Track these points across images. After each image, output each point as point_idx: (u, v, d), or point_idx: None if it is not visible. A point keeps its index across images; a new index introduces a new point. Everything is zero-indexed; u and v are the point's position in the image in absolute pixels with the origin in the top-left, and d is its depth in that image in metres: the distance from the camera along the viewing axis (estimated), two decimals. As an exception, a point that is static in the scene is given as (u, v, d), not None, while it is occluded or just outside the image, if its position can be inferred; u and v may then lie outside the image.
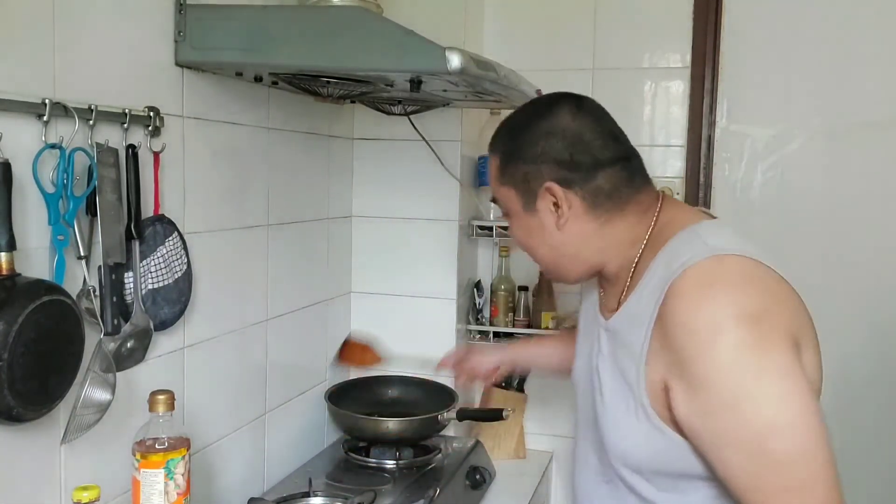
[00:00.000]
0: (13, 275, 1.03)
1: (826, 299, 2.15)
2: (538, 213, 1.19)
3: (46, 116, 1.09)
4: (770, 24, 2.14)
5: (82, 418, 1.15)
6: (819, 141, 2.14)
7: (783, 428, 0.98)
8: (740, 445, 1.00)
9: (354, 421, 1.89)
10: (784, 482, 0.98)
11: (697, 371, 1.01)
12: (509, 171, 1.21)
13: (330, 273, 2.05)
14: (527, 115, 1.22)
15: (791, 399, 0.99)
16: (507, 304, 2.24)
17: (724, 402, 0.99)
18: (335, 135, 2.04)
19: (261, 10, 1.36)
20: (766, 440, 0.98)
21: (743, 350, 0.99)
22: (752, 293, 1.04)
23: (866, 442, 2.16)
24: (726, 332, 1.00)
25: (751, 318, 1.01)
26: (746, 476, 1.00)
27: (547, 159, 1.16)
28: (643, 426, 1.10)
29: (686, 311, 1.03)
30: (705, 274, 1.05)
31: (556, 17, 2.25)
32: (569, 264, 1.23)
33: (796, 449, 0.98)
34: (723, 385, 0.99)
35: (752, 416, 0.98)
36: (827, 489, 0.97)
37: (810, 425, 0.99)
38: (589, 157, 1.16)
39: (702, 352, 1.00)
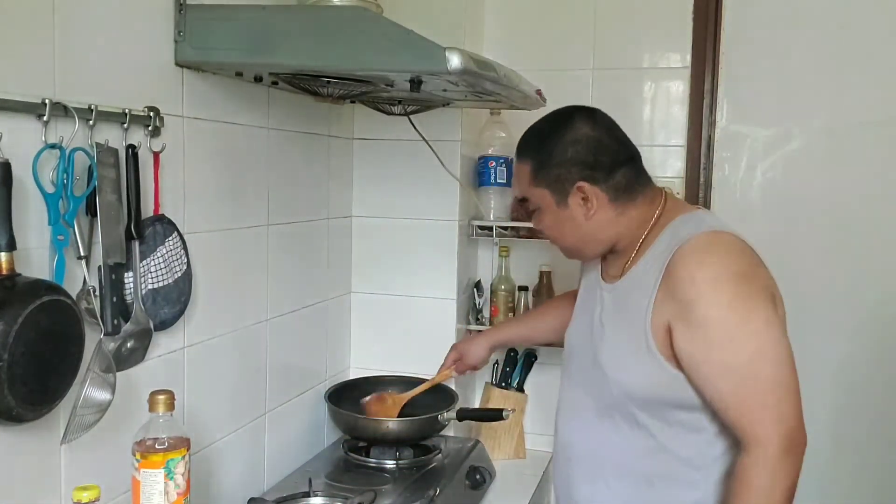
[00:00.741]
0: (13, 275, 1.03)
1: (826, 299, 2.16)
2: (569, 208, 1.42)
3: (46, 116, 1.09)
4: (770, 24, 2.14)
5: (82, 418, 1.15)
6: (819, 141, 2.14)
7: (767, 357, 1.26)
8: (732, 371, 1.26)
9: (354, 421, 1.89)
10: (763, 400, 1.25)
11: (699, 313, 1.27)
12: (542, 175, 1.43)
13: (330, 273, 2.05)
14: (551, 126, 1.45)
15: (772, 337, 1.27)
16: (507, 304, 2.24)
17: (721, 336, 1.26)
18: (335, 135, 2.04)
19: (261, 10, 1.36)
20: (753, 366, 1.25)
21: (736, 297, 1.27)
22: (742, 258, 1.32)
23: (866, 441, 2.16)
24: (724, 282, 1.28)
25: (742, 275, 1.29)
26: (733, 397, 1.26)
27: (576, 162, 1.40)
28: (646, 362, 1.33)
29: (690, 266, 1.29)
30: (705, 243, 1.33)
31: (556, 17, 2.25)
32: (591, 247, 1.47)
33: (775, 374, 1.25)
34: (720, 323, 1.26)
35: (744, 347, 1.26)
36: (793, 408, 1.25)
37: (786, 358, 1.27)
38: (608, 158, 1.41)
39: (703, 297, 1.27)
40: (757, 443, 1.24)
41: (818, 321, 2.17)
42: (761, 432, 1.24)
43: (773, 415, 1.24)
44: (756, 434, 1.24)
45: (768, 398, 1.25)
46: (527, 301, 2.24)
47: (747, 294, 1.27)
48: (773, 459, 1.23)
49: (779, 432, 1.23)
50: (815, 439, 2.14)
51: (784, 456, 1.23)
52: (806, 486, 2.17)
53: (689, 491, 1.36)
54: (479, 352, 1.88)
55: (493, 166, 2.17)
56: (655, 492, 1.37)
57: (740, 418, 1.26)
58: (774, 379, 1.25)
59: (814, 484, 2.19)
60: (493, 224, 2.18)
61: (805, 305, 2.16)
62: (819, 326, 2.16)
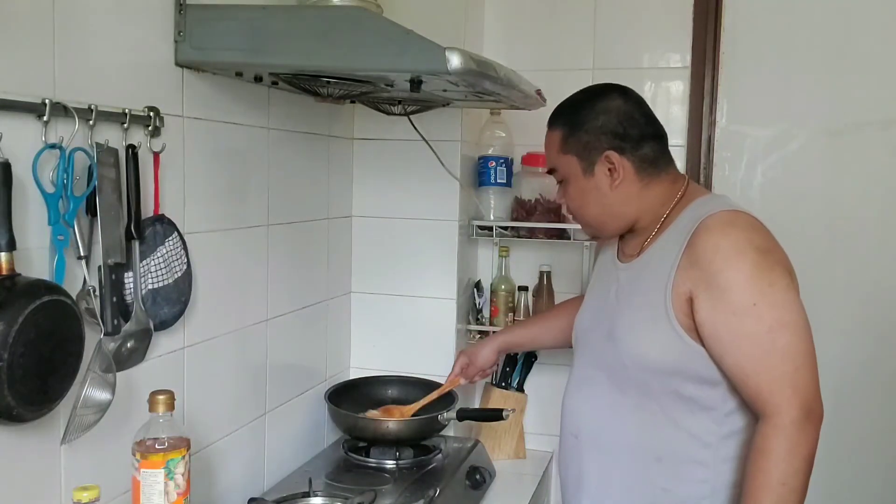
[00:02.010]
0: (13, 275, 1.03)
1: (826, 299, 2.15)
2: (595, 177, 1.45)
3: (46, 116, 1.09)
4: (770, 24, 2.14)
5: (82, 418, 1.15)
6: (819, 141, 2.14)
7: (788, 326, 1.29)
8: (753, 339, 1.29)
9: (354, 421, 1.89)
10: (783, 369, 1.28)
11: (722, 280, 1.30)
12: (572, 142, 1.46)
13: (330, 273, 2.05)
14: (584, 97, 1.48)
15: (792, 308, 1.30)
16: (507, 304, 2.24)
17: (744, 303, 1.29)
18: (335, 135, 2.04)
19: (261, 10, 1.36)
20: (773, 334, 1.28)
21: (759, 267, 1.30)
22: (763, 234, 1.36)
23: (866, 441, 2.16)
24: (747, 252, 1.31)
25: (763, 249, 1.33)
26: (753, 365, 1.29)
27: (605, 131, 1.43)
28: (664, 331, 1.36)
29: (715, 237, 1.33)
30: (729, 217, 1.37)
31: (556, 17, 2.25)
32: (613, 221, 1.49)
33: (796, 343, 1.28)
34: (743, 291, 1.29)
35: (767, 315, 1.28)
36: (810, 378, 1.29)
37: (804, 329, 1.30)
38: (637, 130, 1.45)
39: (727, 265, 1.30)
40: (776, 411, 1.27)
41: (817, 320, 2.13)
42: (781, 401, 1.27)
43: (791, 384, 1.27)
44: (775, 403, 1.27)
45: (787, 367, 1.27)
46: (527, 301, 2.24)
47: (769, 266, 1.31)
48: (792, 427, 1.26)
49: (797, 401, 1.26)
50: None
51: (802, 424, 1.26)
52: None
53: (698, 469, 1.38)
54: (487, 355, 1.88)
55: (493, 166, 2.17)
56: (663, 468, 1.40)
57: (759, 387, 1.29)
58: (793, 349, 1.28)
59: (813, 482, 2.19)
60: (493, 224, 2.18)
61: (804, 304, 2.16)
62: (818, 325, 2.13)
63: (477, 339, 2.23)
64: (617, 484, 1.45)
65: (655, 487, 1.40)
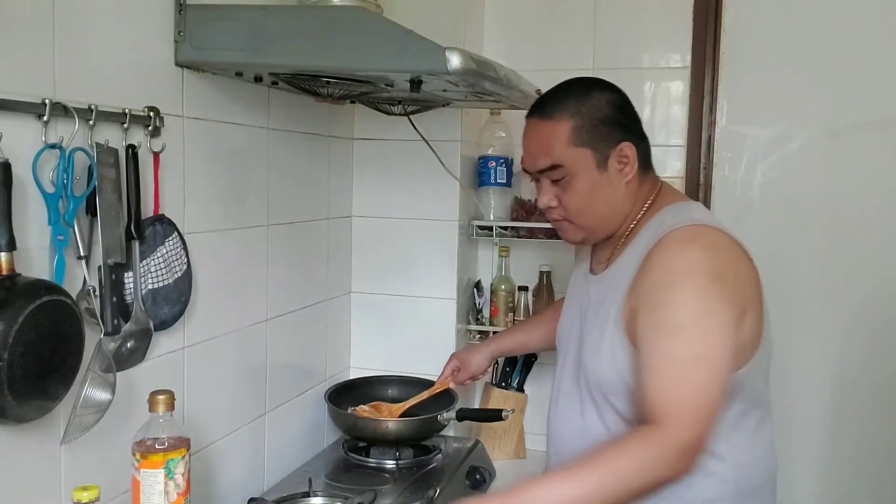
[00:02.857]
0: (13, 275, 1.03)
1: (826, 299, 2.16)
2: (608, 171, 1.38)
3: (46, 116, 1.09)
4: (770, 24, 2.14)
5: (82, 418, 1.15)
6: (819, 141, 2.14)
7: (710, 362, 1.21)
8: (672, 361, 1.21)
9: (354, 421, 1.89)
10: (689, 400, 1.19)
11: (662, 299, 1.25)
12: (586, 133, 1.36)
13: (330, 273, 2.05)
14: (583, 88, 1.40)
15: (722, 344, 1.22)
16: (507, 304, 2.24)
17: (675, 324, 1.23)
18: (335, 135, 2.04)
19: (261, 10, 1.36)
20: (694, 364, 1.20)
21: (703, 292, 1.23)
22: (719, 258, 1.28)
23: (865, 440, 2.16)
24: (695, 275, 1.24)
25: (715, 274, 1.25)
26: (662, 384, 1.21)
27: (618, 122, 1.38)
28: (619, 350, 1.32)
29: (668, 255, 1.28)
30: (687, 234, 1.30)
31: (556, 17, 2.25)
32: (614, 220, 1.42)
33: (711, 381, 1.21)
34: (678, 311, 1.23)
35: (695, 343, 1.21)
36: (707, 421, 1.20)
37: (726, 370, 1.22)
38: (638, 124, 1.42)
39: (671, 283, 1.25)
40: (667, 426, 1.18)
41: (816, 320, 2.17)
42: (675, 423, 1.18)
43: (690, 417, 1.18)
44: (669, 421, 1.18)
45: (693, 399, 1.19)
46: (527, 301, 2.24)
47: (715, 294, 1.23)
48: (670, 446, 1.17)
49: (689, 433, 1.18)
50: (812, 437, 2.17)
51: (676, 455, 1.17)
52: (804, 484, 2.18)
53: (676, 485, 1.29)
54: (480, 362, 1.87)
55: (493, 166, 2.17)
56: None
57: (658, 405, 1.20)
58: (707, 386, 1.20)
59: (812, 482, 2.19)
60: (493, 224, 2.18)
61: (804, 304, 2.17)
62: (817, 325, 2.17)
63: (477, 339, 2.24)
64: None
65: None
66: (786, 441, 2.13)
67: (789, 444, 2.15)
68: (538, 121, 1.40)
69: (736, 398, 1.30)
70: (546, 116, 1.39)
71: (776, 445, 1.45)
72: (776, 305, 2.11)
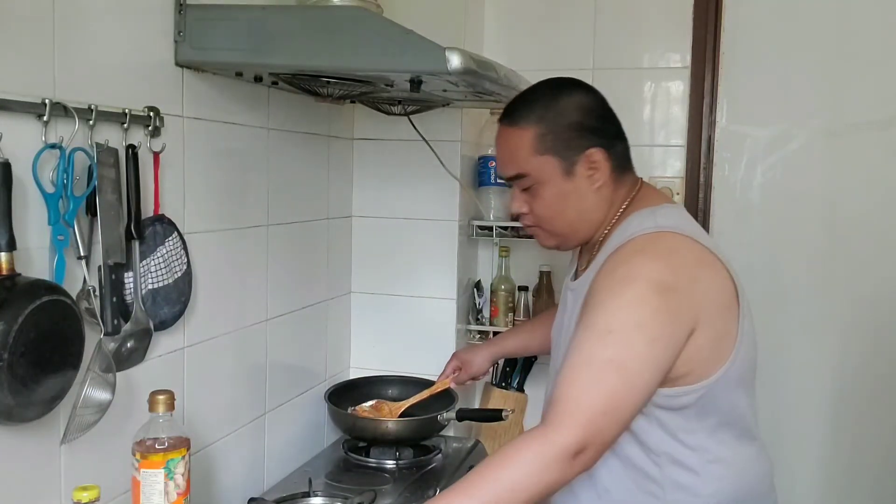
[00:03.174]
0: (13, 275, 1.03)
1: (825, 299, 2.16)
2: (575, 178, 1.34)
3: (46, 116, 1.09)
4: (770, 24, 2.14)
5: (82, 418, 1.15)
6: (819, 141, 2.14)
7: (625, 373, 1.16)
8: (588, 359, 1.18)
9: (354, 421, 1.89)
10: (592, 402, 1.15)
11: (598, 298, 1.22)
12: (550, 141, 1.33)
13: (330, 273, 2.05)
14: (551, 92, 1.36)
15: (644, 361, 1.17)
16: (507, 304, 2.24)
17: (602, 326, 1.19)
18: (335, 135, 2.04)
19: (261, 10, 1.36)
20: (608, 368, 1.16)
21: (640, 302, 1.19)
22: (671, 267, 1.23)
23: (865, 439, 2.16)
24: (635, 284, 1.20)
25: (660, 285, 1.20)
26: (572, 378, 1.17)
27: (586, 127, 1.33)
28: None
29: (616, 263, 1.25)
30: (640, 243, 1.26)
31: (556, 17, 2.25)
32: (585, 228, 1.39)
33: (620, 391, 1.16)
34: (608, 314, 1.19)
35: (613, 349, 1.17)
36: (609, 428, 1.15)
37: (641, 389, 1.17)
38: (612, 126, 1.37)
39: (609, 289, 1.22)
40: (558, 426, 1.14)
41: (815, 320, 2.17)
42: (568, 423, 1.13)
43: (588, 417, 1.14)
44: (562, 420, 1.14)
45: (597, 404, 1.14)
46: (527, 301, 2.25)
47: (654, 307, 1.19)
48: (552, 451, 1.12)
49: (581, 435, 1.13)
50: (812, 435, 2.17)
51: (562, 458, 1.12)
52: (805, 484, 2.18)
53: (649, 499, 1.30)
54: (480, 364, 1.87)
55: (493, 166, 2.17)
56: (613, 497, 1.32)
57: (559, 400, 1.16)
58: (614, 394, 1.15)
59: (812, 482, 2.20)
60: (493, 224, 2.18)
61: (803, 304, 2.17)
62: (816, 325, 2.17)
63: (477, 339, 2.24)
64: None
65: None
66: (785, 441, 2.13)
67: (789, 444, 2.15)
68: (505, 127, 1.37)
69: (707, 411, 1.26)
70: (511, 123, 1.36)
71: (772, 448, 1.44)
72: (775, 305, 2.13)
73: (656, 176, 2.20)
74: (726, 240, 2.13)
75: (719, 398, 1.27)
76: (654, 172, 2.21)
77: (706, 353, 1.23)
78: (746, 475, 1.32)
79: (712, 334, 1.24)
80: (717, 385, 1.25)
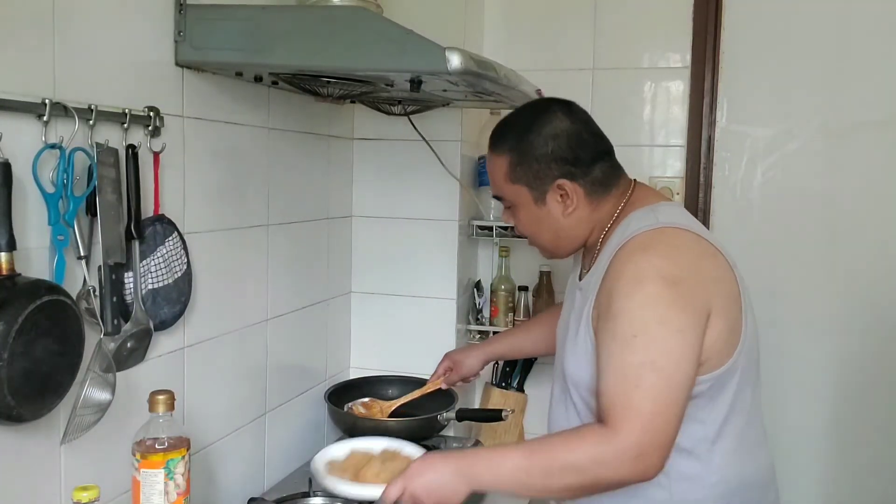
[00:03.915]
0: (13, 275, 1.03)
1: (825, 299, 2.16)
2: (547, 205, 1.41)
3: (46, 116, 1.09)
4: (770, 24, 2.14)
5: (82, 418, 1.15)
6: (819, 141, 2.14)
7: (661, 371, 1.19)
8: (623, 370, 1.21)
9: (354, 420, 1.89)
10: (641, 407, 1.18)
11: (615, 307, 1.24)
12: (521, 171, 1.40)
13: (330, 273, 2.05)
14: (528, 120, 1.41)
15: (674, 353, 1.20)
16: (507, 304, 2.24)
17: (626, 333, 1.22)
18: (335, 135, 2.04)
19: (261, 10, 1.36)
20: (643, 371, 1.19)
21: (654, 299, 1.23)
22: (675, 262, 1.27)
23: (865, 439, 2.16)
24: (647, 282, 1.24)
25: (669, 279, 1.24)
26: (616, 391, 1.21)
27: (555, 158, 1.38)
28: (585, 348, 1.34)
29: (623, 262, 1.28)
30: (646, 239, 1.30)
31: (556, 17, 2.25)
32: (567, 244, 1.46)
33: (661, 388, 1.19)
34: (629, 320, 1.22)
35: (642, 351, 1.20)
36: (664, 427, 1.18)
37: (679, 380, 1.20)
38: (587, 153, 1.39)
39: (623, 293, 1.24)
40: (618, 429, 1.18)
41: (815, 319, 2.17)
42: (625, 426, 1.18)
43: (637, 423, 1.17)
44: (620, 424, 1.18)
45: (645, 407, 1.18)
46: (527, 301, 2.25)
47: (668, 300, 1.22)
48: (616, 447, 1.17)
49: (638, 437, 1.17)
50: (812, 434, 2.17)
51: (625, 455, 1.17)
52: (805, 482, 2.18)
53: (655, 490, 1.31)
54: (472, 365, 1.88)
55: (493, 166, 2.17)
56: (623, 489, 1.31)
57: (609, 411, 1.20)
58: (657, 392, 1.18)
59: (812, 481, 2.19)
60: (493, 224, 2.18)
61: (803, 303, 2.17)
62: (816, 324, 2.17)
63: (477, 339, 2.24)
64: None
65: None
66: (785, 440, 2.13)
67: (789, 443, 2.15)
68: (489, 151, 1.46)
69: (716, 400, 1.30)
70: (492, 148, 1.45)
71: (774, 444, 1.45)
72: (775, 305, 2.13)
73: (656, 176, 2.20)
74: (726, 240, 2.09)
75: (728, 387, 1.30)
76: (654, 172, 2.22)
77: (722, 341, 1.27)
78: (750, 465, 1.36)
79: (726, 323, 1.28)
80: (727, 374, 1.29)
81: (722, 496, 1.32)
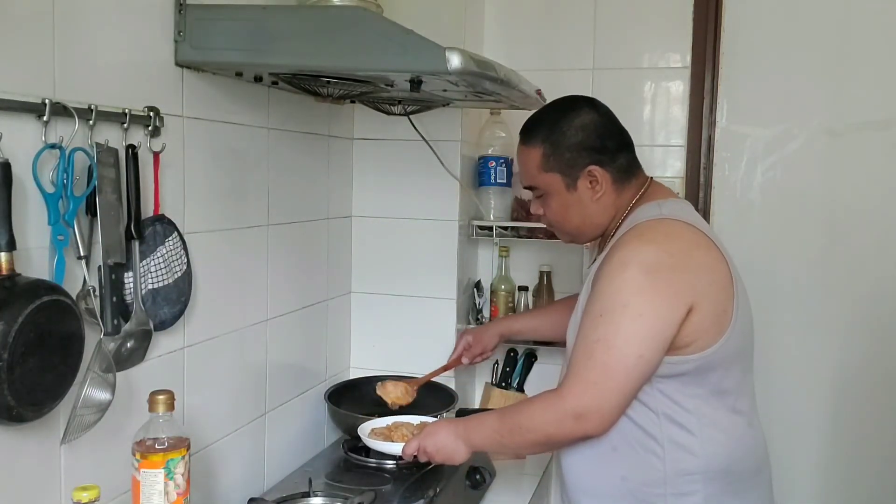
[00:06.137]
0: (13, 275, 1.03)
1: (825, 299, 2.16)
2: (578, 191, 1.51)
3: (46, 116, 1.09)
4: (770, 24, 2.14)
5: (82, 418, 1.15)
6: (819, 141, 2.14)
7: (611, 349, 1.34)
8: (583, 341, 1.38)
9: (354, 421, 1.89)
10: (587, 374, 1.36)
11: (597, 286, 1.40)
12: (554, 160, 1.51)
13: (330, 273, 2.05)
14: (557, 114, 1.53)
15: (628, 336, 1.34)
16: (507, 304, 2.24)
17: (595, 311, 1.37)
18: (335, 135, 2.04)
19: (261, 10, 1.36)
20: (597, 346, 1.35)
21: (628, 284, 1.36)
22: (668, 248, 1.39)
23: (864, 439, 2.16)
24: (627, 267, 1.36)
25: (648, 266, 1.36)
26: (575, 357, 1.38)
27: (585, 147, 1.50)
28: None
29: (617, 249, 1.41)
30: (644, 229, 1.43)
31: (556, 17, 2.25)
32: (591, 230, 1.57)
33: (609, 364, 1.34)
34: (601, 300, 1.37)
35: (602, 329, 1.35)
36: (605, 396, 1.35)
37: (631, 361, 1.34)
38: (613, 142, 1.52)
39: (607, 275, 1.38)
40: (565, 392, 1.37)
41: (815, 319, 2.17)
42: (571, 389, 1.36)
43: (583, 385, 1.35)
44: (568, 388, 1.37)
45: (590, 375, 1.35)
46: (527, 301, 2.24)
47: (639, 286, 1.35)
48: (561, 410, 1.36)
49: (579, 401, 1.35)
50: (812, 433, 2.17)
51: (562, 416, 1.36)
52: (805, 484, 2.18)
53: (651, 457, 1.42)
54: (489, 339, 1.93)
55: (493, 166, 2.18)
56: (619, 457, 1.44)
57: (565, 377, 1.39)
58: (604, 366, 1.34)
59: (813, 482, 2.20)
60: (493, 224, 2.18)
61: (803, 303, 2.17)
62: (816, 324, 2.17)
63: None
64: (587, 476, 1.50)
65: (615, 477, 1.45)
66: (785, 439, 2.13)
67: (788, 441, 2.15)
68: (521, 145, 1.57)
69: (702, 380, 1.40)
70: (524, 141, 1.56)
71: (772, 442, 1.47)
72: (775, 304, 2.14)
73: (656, 176, 2.17)
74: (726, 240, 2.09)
75: (716, 368, 1.40)
76: (655, 172, 2.21)
77: (707, 325, 1.37)
78: (739, 445, 1.45)
79: (712, 309, 1.38)
80: (714, 356, 1.39)
81: (712, 470, 1.40)
